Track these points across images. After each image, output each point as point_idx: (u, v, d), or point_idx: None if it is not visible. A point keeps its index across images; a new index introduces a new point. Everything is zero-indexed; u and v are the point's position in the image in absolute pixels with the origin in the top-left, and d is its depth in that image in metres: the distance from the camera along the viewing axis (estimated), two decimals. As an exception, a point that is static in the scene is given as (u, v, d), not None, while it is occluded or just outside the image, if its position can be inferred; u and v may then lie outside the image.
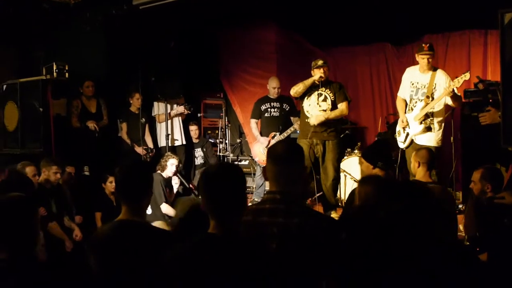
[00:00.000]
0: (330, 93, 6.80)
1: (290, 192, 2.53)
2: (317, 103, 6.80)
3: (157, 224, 5.52)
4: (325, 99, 6.81)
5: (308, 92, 6.88)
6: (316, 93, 6.82)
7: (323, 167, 6.77)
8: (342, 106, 6.77)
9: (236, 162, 9.02)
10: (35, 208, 2.61)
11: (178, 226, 3.16)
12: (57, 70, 7.16)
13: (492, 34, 7.64)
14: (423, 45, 6.18)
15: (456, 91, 6.03)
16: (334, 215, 6.34)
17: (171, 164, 6.63)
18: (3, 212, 2.50)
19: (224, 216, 2.24)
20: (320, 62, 6.76)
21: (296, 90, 6.85)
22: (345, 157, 7.65)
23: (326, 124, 6.71)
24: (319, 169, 6.88)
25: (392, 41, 8.73)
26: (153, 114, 8.44)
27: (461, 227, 4.81)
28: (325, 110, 6.75)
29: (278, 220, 2.42)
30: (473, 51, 8.07)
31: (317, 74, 6.68)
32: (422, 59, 6.18)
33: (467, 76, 5.86)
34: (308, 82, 6.76)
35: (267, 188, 5.32)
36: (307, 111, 6.86)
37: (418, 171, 4.67)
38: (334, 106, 6.77)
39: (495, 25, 3.94)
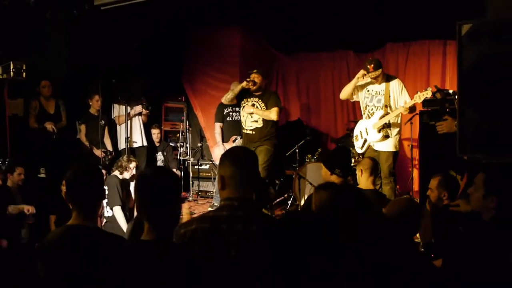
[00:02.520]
0: (261, 103, 7.03)
1: (248, 198, 2.49)
2: (250, 115, 7.10)
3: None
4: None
5: (242, 101, 7.16)
6: (250, 103, 7.08)
7: None
8: (272, 111, 6.99)
9: (197, 167, 8.99)
10: None
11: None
12: (14, 70, 7.01)
13: (451, 44, 7.82)
14: (368, 65, 6.33)
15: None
16: None
17: (133, 167, 6.55)
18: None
19: (157, 222, 2.27)
20: (254, 71, 7.08)
21: (225, 97, 7.22)
22: (306, 163, 7.69)
23: (260, 135, 7.04)
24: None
25: (355, 49, 8.84)
26: (113, 117, 8.32)
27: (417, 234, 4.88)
28: (256, 121, 7.06)
29: (237, 227, 2.37)
30: (432, 60, 8.25)
31: (244, 81, 6.93)
32: (372, 77, 6.32)
33: (428, 93, 6.01)
34: (237, 89, 7.07)
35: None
36: (243, 122, 7.21)
37: (361, 179, 4.81)
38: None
39: (454, 36, 4.01)
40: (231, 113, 7.91)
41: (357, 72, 8.29)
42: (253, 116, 7.06)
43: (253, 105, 7.05)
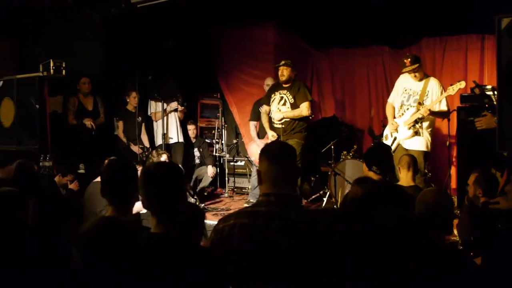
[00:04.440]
0: (289, 95, 7.00)
1: (285, 194, 2.48)
2: (278, 108, 7.10)
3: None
4: (284, 103, 7.09)
5: (272, 95, 7.21)
6: (278, 96, 7.10)
7: None
8: (302, 107, 6.97)
9: (232, 163, 9.03)
10: (25, 204, 2.62)
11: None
12: (54, 67, 7.14)
13: (489, 39, 7.66)
14: (405, 60, 6.23)
15: (446, 101, 6.16)
16: None
17: (164, 159, 6.62)
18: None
19: (163, 214, 2.35)
20: (282, 62, 7.09)
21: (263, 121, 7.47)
22: (342, 159, 7.66)
23: (289, 128, 7.03)
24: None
25: (390, 44, 8.72)
26: (149, 113, 8.43)
27: (455, 231, 4.83)
28: None
29: (274, 223, 2.36)
30: (470, 56, 8.08)
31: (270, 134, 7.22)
32: (408, 73, 6.24)
33: (462, 84, 5.91)
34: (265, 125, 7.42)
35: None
36: (272, 117, 7.20)
37: (401, 176, 4.90)
38: (294, 109, 7.04)
39: (492, 30, 3.95)
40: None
41: (393, 69, 8.27)
42: (282, 109, 7.08)
43: (281, 98, 7.06)
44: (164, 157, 6.65)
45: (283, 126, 7.07)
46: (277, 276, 2.32)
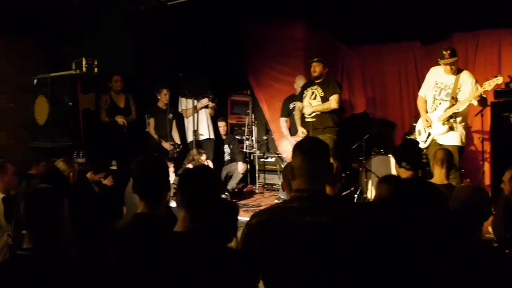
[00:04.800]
0: (320, 90, 7.09)
1: (318, 189, 2.47)
2: (309, 102, 7.18)
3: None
4: (315, 97, 7.17)
5: (305, 91, 7.30)
6: (310, 92, 7.20)
7: None
8: (331, 99, 7.06)
9: (263, 159, 9.03)
10: (62, 201, 2.65)
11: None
12: (86, 65, 7.25)
13: (524, 33, 7.51)
14: (444, 52, 6.10)
15: (483, 94, 5.98)
16: None
17: (204, 160, 6.67)
18: (31, 203, 2.55)
19: (197, 213, 2.41)
20: (314, 59, 7.24)
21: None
22: (372, 156, 7.61)
23: (320, 121, 7.09)
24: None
25: (421, 39, 8.60)
26: (179, 110, 8.49)
27: (490, 228, 4.75)
28: None
29: (306, 218, 2.35)
30: (504, 51, 7.92)
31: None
32: (445, 65, 6.13)
33: (499, 79, 5.78)
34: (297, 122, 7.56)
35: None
36: (304, 112, 7.27)
37: (434, 172, 4.78)
38: (324, 102, 7.11)
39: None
40: (297, 107, 7.96)
41: (425, 64, 8.15)
42: (312, 103, 7.14)
43: (312, 93, 7.10)
44: (204, 157, 6.69)
45: (314, 120, 7.08)
46: (306, 271, 2.32)
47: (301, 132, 7.20)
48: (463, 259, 2.58)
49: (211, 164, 7.18)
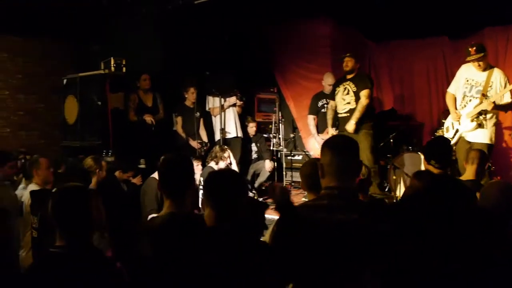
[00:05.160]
0: (352, 85, 7.04)
1: (348, 187, 2.46)
2: (342, 98, 7.12)
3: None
4: (348, 92, 7.09)
5: (337, 88, 7.25)
6: (342, 88, 7.15)
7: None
8: (361, 96, 6.98)
9: (290, 157, 9.01)
10: (91, 199, 2.67)
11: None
12: (115, 65, 7.33)
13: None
14: (470, 48, 6.03)
15: (510, 93, 5.97)
16: None
17: (227, 156, 6.67)
18: (61, 200, 2.58)
19: (224, 212, 2.53)
20: (347, 54, 7.19)
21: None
22: (401, 153, 7.54)
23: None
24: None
25: (450, 35, 8.45)
26: (207, 108, 8.51)
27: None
28: (349, 103, 7.07)
29: (337, 216, 2.34)
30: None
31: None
32: (472, 62, 6.04)
33: None
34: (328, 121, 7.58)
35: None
36: (337, 108, 7.24)
37: (466, 169, 4.82)
38: (357, 97, 7.00)
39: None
40: (325, 105, 7.97)
41: (454, 60, 8.03)
42: (345, 98, 7.08)
43: (345, 88, 7.05)
44: (227, 153, 6.70)
45: (348, 114, 7.05)
46: (337, 270, 2.31)
47: (331, 134, 7.15)
48: (493, 256, 2.55)
49: (234, 163, 7.15)
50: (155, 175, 5.50)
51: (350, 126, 6.93)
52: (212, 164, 6.64)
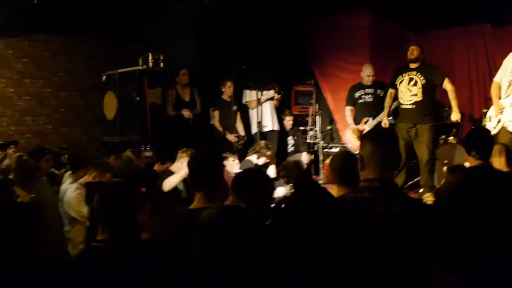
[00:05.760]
0: (420, 76, 6.76)
1: (389, 179, 2.43)
2: (408, 88, 6.82)
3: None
4: (415, 83, 6.81)
5: (400, 76, 6.94)
6: (407, 78, 6.85)
7: (418, 150, 6.72)
8: (448, 86, 6.79)
9: (327, 150, 8.94)
10: (136, 195, 2.70)
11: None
12: (152, 61, 7.40)
13: None
14: None
15: None
16: (431, 197, 6.31)
17: (269, 155, 6.64)
18: (106, 196, 2.62)
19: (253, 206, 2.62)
20: (412, 43, 7.05)
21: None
22: (440, 144, 7.41)
23: (421, 108, 6.71)
24: (414, 154, 6.80)
25: (492, 22, 8.22)
26: (243, 102, 8.52)
27: None
28: (416, 95, 6.77)
29: (378, 209, 2.31)
30: None
31: None
32: None
33: None
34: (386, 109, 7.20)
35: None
36: (400, 98, 6.90)
37: (494, 160, 4.55)
38: (425, 90, 6.76)
39: None
40: (363, 96, 7.88)
41: (496, 48, 7.81)
42: (412, 89, 6.81)
43: (411, 79, 6.85)
44: (269, 152, 6.67)
45: (414, 106, 6.82)
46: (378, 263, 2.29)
47: (383, 124, 6.98)
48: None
49: (272, 168, 6.98)
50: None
51: (456, 116, 6.74)
52: (252, 157, 6.59)
